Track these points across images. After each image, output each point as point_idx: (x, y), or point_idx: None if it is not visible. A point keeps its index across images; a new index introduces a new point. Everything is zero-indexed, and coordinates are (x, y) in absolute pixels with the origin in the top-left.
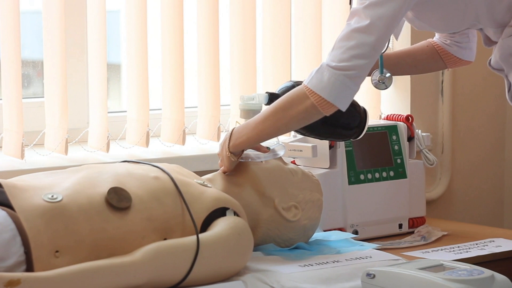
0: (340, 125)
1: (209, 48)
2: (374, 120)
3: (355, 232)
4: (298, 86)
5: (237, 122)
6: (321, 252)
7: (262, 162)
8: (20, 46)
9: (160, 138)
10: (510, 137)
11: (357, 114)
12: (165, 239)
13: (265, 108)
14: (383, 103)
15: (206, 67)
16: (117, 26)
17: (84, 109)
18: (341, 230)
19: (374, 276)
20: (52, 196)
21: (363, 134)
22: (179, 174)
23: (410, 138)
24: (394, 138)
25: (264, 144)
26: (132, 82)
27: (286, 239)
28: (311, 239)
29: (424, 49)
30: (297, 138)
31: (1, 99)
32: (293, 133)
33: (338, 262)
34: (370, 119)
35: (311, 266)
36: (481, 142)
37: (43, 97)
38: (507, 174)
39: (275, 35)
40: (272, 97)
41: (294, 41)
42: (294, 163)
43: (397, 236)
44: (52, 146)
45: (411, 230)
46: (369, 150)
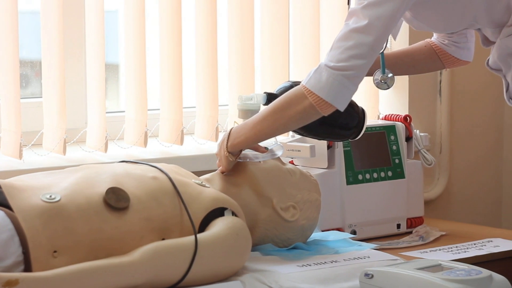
0: (338, 125)
1: (207, 48)
2: (372, 120)
3: (353, 232)
4: (296, 86)
5: (235, 122)
6: (319, 252)
7: (260, 162)
8: (18, 46)
9: (158, 138)
10: (508, 137)
11: (355, 114)
12: (163, 239)
13: (263, 108)
14: (381, 103)
15: (204, 67)
16: (115, 26)
17: (82, 109)
18: (339, 230)
19: (372, 276)
20: (50, 196)
21: (362, 134)
22: (177, 174)
23: (408, 138)
24: (392, 138)
25: (262, 144)
26: (130, 82)
27: (284, 239)
28: (309, 239)
29: (422, 49)
30: (295, 138)
31: None
32: (291, 133)
33: (336, 262)
34: (368, 119)
35: (309, 266)
36: (479, 142)
37: (41, 97)
38: (505, 174)
39: (273, 35)
40: (270, 97)
41: (292, 41)
42: (292, 163)
43: (395, 236)
44: (50, 146)
45: (409, 230)
46: (367, 150)
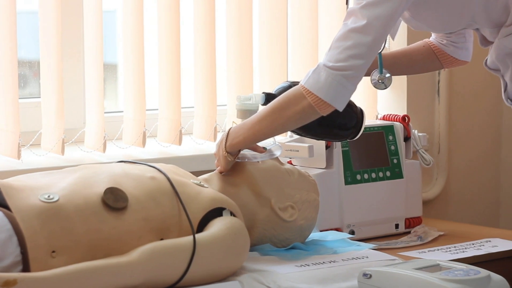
0: (336, 125)
1: (205, 48)
2: (370, 120)
3: (352, 232)
4: (294, 86)
5: (233, 122)
6: (317, 252)
7: (258, 162)
8: (16, 46)
9: (156, 138)
10: (506, 137)
11: (353, 114)
12: (161, 239)
13: (261, 108)
14: (380, 103)
15: (202, 67)
16: (113, 26)
17: (80, 109)
18: (337, 230)
19: (370, 276)
20: (48, 196)
21: (360, 134)
22: (176, 174)
23: (407, 138)
24: (391, 138)
25: (260, 144)
26: (128, 82)
27: (283, 239)
28: (308, 239)
29: (420, 49)
30: (293, 138)
31: None
32: (289, 133)
33: (334, 262)
34: (367, 119)
35: (308, 266)
36: (477, 142)
37: (40, 97)
38: (503, 174)
39: (272, 35)
40: (268, 97)
41: (290, 41)
42: (291, 163)
43: (393, 236)
44: (48, 146)
45: (408, 230)
46: (365, 150)
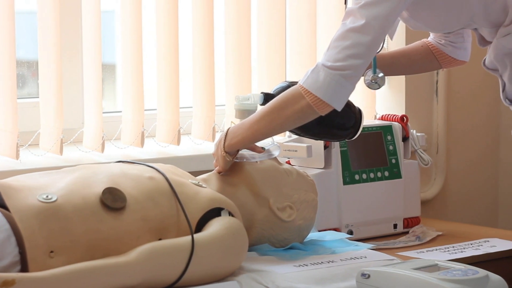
0: (335, 125)
1: (204, 48)
2: (369, 120)
3: (350, 232)
4: (293, 86)
5: (232, 122)
6: (316, 252)
7: (257, 162)
8: (15, 46)
9: (155, 138)
10: (504, 137)
11: (352, 114)
12: (160, 239)
13: (260, 108)
14: (378, 103)
15: (201, 68)
16: (112, 26)
17: (79, 109)
18: (336, 230)
19: (369, 276)
20: (46, 196)
21: (358, 134)
22: (174, 174)
23: (405, 138)
24: (389, 138)
25: (259, 144)
26: (127, 82)
27: (281, 239)
28: (306, 239)
29: (418, 49)
30: (292, 138)
31: None
32: (288, 133)
33: (333, 262)
34: (365, 119)
35: (306, 266)
36: (475, 142)
37: (38, 97)
38: (502, 174)
39: (270, 35)
40: (267, 97)
41: (289, 41)
42: (289, 163)
43: (392, 236)
44: (47, 146)
45: (406, 230)
46: (364, 150)
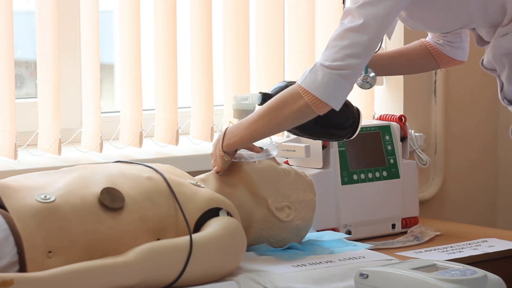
0: (333, 125)
1: (202, 48)
2: (367, 120)
3: (348, 232)
4: (291, 86)
5: (230, 122)
6: (314, 252)
7: (255, 162)
8: (13, 46)
9: (153, 138)
10: (503, 137)
11: (350, 114)
12: (158, 240)
13: (258, 108)
14: (376, 103)
15: (199, 67)
16: (110, 26)
17: (77, 109)
18: (334, 230)
19: (367, 276)
20: (45, 196)
21: (356, 134)
22: (172, 174)
23: (403, 138)
24: (387, 138)
25: (257, 144)
26: (125, 82)
27: (279, 239)
28: (304, 239)
29: (416, 49)
30: (290, 138)
31: None
32: (286, 133)
33: (331, 262)
34: (363, 119)
35: (304, 266)
36: (474, 142)
37: (36, 97)
38: (500, 174)
39: (268, 35)
40: (265, 97)
41: (287, 41)
42: (287, 163)
43: (390, 236)
44: (45, 146)
45: (404, 230)
46: (362, 150)
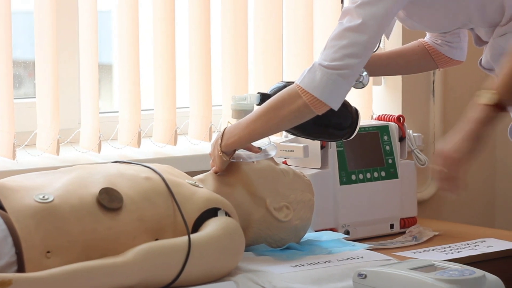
0: (331, 125)
1: (201, 48)
2: (365, 120)
3: (347, 232)
4: (290, 86)
5: (228, 122)
6: (312, 252)
7: (253, 162)
8: (11, 46)
9: (151, 139)
10: (501, 137)
11: (348, 114)
12: (156, 240)
13: (257, 108)
14: (375, 103)
15: (198, 68)
16: (108, 27)
17: (75, 109)
18: (332, 230)
19: (365, 276)
20: (43, 196)
21: (355, 134)
22: (171, 174)
23: (402, 139)
24: (386, 138)
25: (255, 144)
26: (123, 83)
27: (278, 239)
28: (303, 239)
29: (415, 49)
30: (288, 138)
31: None
32: (284, 133)
33: (329, 262)
34: (362, 119)
35: (303, 266)
36: None
37: (35, 97)
38: (498, 174)
39: (267, 35)
40: (263, 97)
41: (285, 41)
42: (286, 164)
43: (388, 236)
44: (43, 146)
45: (403, 230)
46: (360, 150)
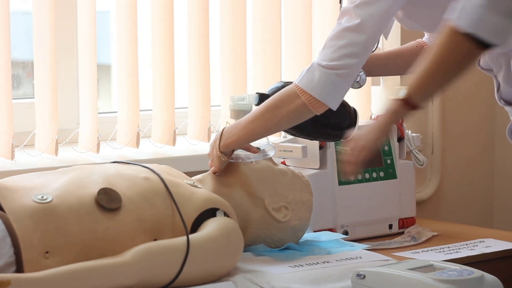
0: (330, 125)
1: (199, 48)
2: (364, 120)
3: (345, 232)
4: (288, 86)
5: (227, 122)
6: (311, 252)
7: (252, 162)
8: (10, 47)
9: (150, 139)
10: (499, 137)
11: (347, 114)
12: (155, 240)
13: (255, 108)
14: (373, 104)
15: (196, 68)
16: (107, 27)
17: (74, 109)
18: (331, 230)
19: (364, 276)
20: (42, 197)
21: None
22: (169, 174)
23: (400, 139)
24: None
25: (254, 144)
26: (122, 83)
27: (276, 240)
28: (302, 240)
29: (413, 49)
30: (287, 138)
31: None
32: (283, 133)
33: (328, 262)
34: (360, 120)
35: (302, 266)
36: (471, 143)
37: (33, 97)
38: (497, 174)
39: (265, 36)
40: (262, 97)
41: (284, 41)
42: (284, 164)
43: (387, 236)
44: (42, 146)
45: (401, 230)
46: None
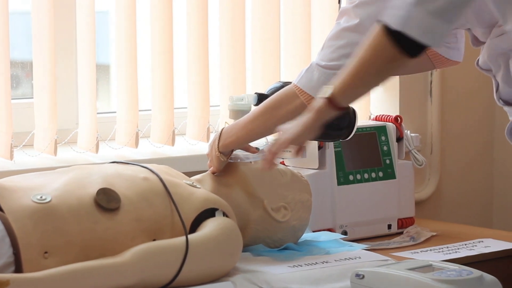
0: (329, 125)
1: (198, 48)
2: (363, 120)
3: (344, 232)
4: (287, 86)
5: (226, 122)
6: (310, 252)
7: (251, 162)
8: (9, 47)
9: (149, 139)
10: (499, 137)
11: (346, 114)
12: (154, 240)
13: (254, 108)
14: (372, 104)
15: (195, 68)
16: (106, 27)
17: (73, 110)
18: (330, 230)
19: (363, 276)
20: (41, 197)
21: (352, 134)
22: (168, 174)
23: (399, 139)
24: (383, 138)
25: (253, 144)
26: (121, 83)
27: (276, 240)
28: (300, 240)
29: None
30: None
31: None
32: None
33: (327, 262)
34: (359, 120)
35: (301, 266)
36: (470, 143)
37: (32, 97)
38: (496, 174)
39: (264, 36)
40: (261, 97)
41: (283, 41)
42: (283, 164)
43: (386, 236)
44: (41, 147)
45: (400, 230)
46: (358, 150)
